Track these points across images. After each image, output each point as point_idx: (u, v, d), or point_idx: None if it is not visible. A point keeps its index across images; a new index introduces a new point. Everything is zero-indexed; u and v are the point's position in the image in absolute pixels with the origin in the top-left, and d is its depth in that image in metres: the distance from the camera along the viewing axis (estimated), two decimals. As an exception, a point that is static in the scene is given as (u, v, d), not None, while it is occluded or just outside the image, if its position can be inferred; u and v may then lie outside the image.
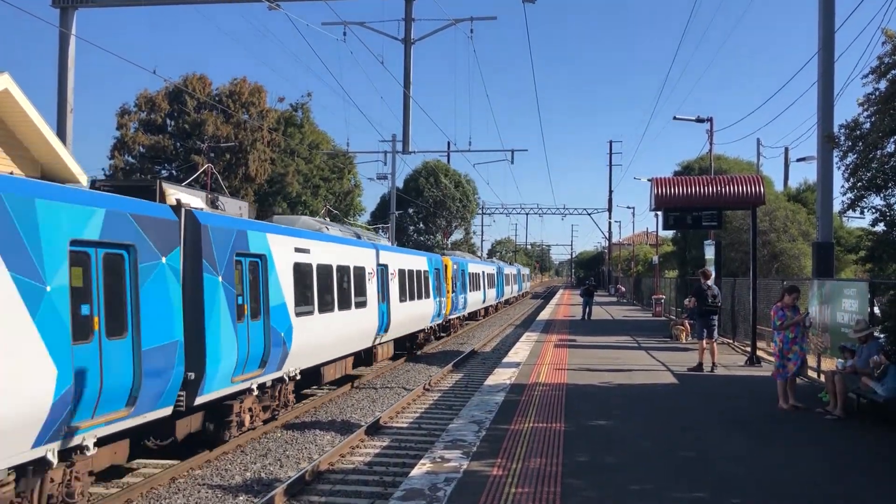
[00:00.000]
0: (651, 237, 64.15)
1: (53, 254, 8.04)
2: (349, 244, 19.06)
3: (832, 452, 9.11)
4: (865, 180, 12.82)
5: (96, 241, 8.81)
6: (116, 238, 9.18)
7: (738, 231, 29.17)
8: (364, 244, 20.90)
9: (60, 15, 22.95)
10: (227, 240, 11.81)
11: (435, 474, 7.81)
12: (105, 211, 8.99)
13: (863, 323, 11.67)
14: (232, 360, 11.71)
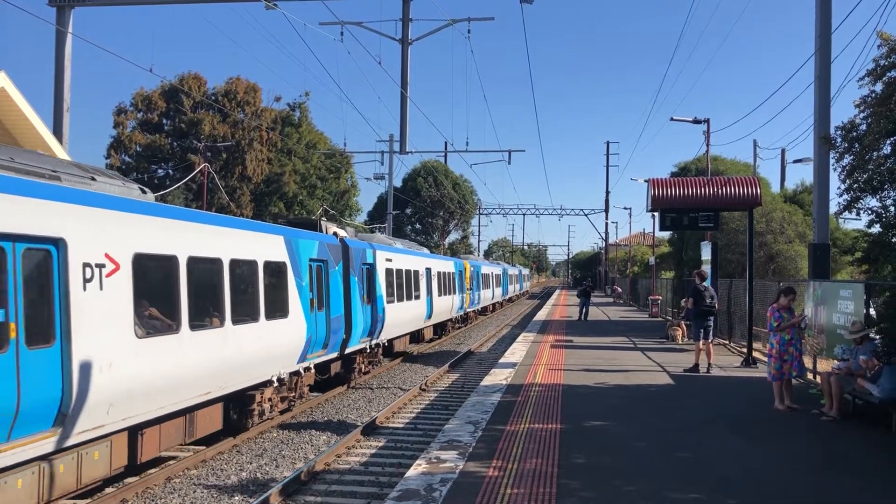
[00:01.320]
0: (648, 238, 64.24)
1: (305, 265, 15.42)
2: (410, 254, 26.18)
3: (828, 453, 9.12)
4: (861, 182, 12.85)
5: (315, 258, 16.05)
6: (321, 256, 16.47)
7: (735, 232, 29.20)
8: (417, 253, 27.97)
9: (57, 13, 22.90)
10: (358, 255, 19.22)
11: (431, 475, 7.81)
12: (318, 242, 16.49)
13: (859, 324, 11.69)
14: (360, 329, 18.87)
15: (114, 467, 9.60)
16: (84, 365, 8.63)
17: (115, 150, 51.37)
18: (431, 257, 31.44)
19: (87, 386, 8.64)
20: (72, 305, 8.46)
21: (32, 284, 8.11)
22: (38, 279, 8.22)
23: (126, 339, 9.38)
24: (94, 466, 9.19)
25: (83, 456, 8.95)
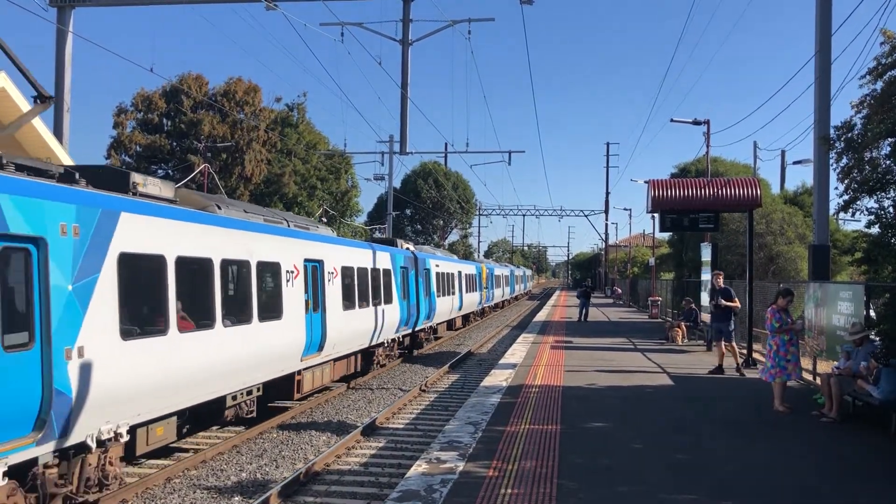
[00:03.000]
0: (648, 239, 64.22)
1: (399, 271, 23.44)
2: (448, 260, 35.12)
3: (828, 455, 9.13)
4: (858, 182, 12.86)
5: (403, 266, 23.97)
6: (406, 265, 24.41)
7: (735, 233, 29.21)
8: (452, 259, 37.05)
9: (58, 13, 22.91)
10: (422, 263, 27.34)
11: (431, 475, 7.81)
12: (403, 255, 24.56)
13: (858, 325, 11.69)
14: (423, 315, 26.89)
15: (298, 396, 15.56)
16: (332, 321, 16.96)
17: (115, 151, 51.35)
18: (460, 262, 39.21)
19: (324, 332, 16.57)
20: (326, 293, 16.63)
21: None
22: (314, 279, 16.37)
23: (337, 310, 17.39)
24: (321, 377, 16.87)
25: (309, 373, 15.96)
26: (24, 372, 7.50)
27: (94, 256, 8.66)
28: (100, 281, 8.71)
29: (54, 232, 8.00)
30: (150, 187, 10.71)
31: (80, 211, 8.49)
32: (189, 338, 10.70)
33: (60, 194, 8.29)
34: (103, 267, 8.80)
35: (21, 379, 7.46)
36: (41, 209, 7.86)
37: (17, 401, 7.38)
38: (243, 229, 12.89)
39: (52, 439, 7.96)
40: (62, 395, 7.94)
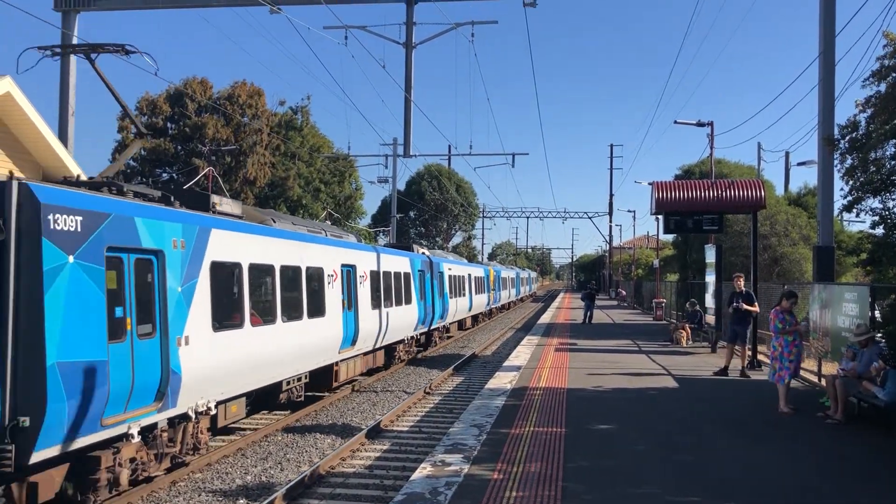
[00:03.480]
0: (652, 241, 64.17)
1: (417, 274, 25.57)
2: (458, 264, 36.56)
3: (833, 457, 9.11)
4: (863, 182, 12.85)
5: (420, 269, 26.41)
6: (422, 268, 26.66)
7: (739, 235, 29.15)
8: (462, 262, 38.75)
9: (63, 18, 23.02)
10: (436, 267, 29.38)
11: (435, 478, 7.81)
12: (420, 259, 26.95)
13: (863, 327, 11.67)
14: (438, 314, 28.96)
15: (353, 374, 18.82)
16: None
17: (120, 154, 51.49)
18: (470, 265, 40.62)
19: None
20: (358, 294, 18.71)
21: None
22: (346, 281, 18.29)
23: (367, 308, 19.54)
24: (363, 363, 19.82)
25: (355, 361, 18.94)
26: (150, 355, 9.59)
27: (195, 265, 10.74)
28: (198, 284, 10.77)
29: (168, 245, 10.04)
30: (225, 206, 12.71)
31: (185, 229, 10.55)
32: (258, 331, 12.71)
33: (172, 216, 10.34)
34: (200, 273, 10.87)
35: (149, 360, 9.55)
36: (161, 228, 9.91)
37: (146, 377, 9.47)
38: (294, 239, 14.98)
39: (167, 409, 9.99)
40: (175, 374, 10.00)
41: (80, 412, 8.24)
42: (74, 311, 8.18)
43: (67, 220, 8.17)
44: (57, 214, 8.02)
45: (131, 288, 9.27)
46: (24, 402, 7.68)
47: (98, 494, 8.96)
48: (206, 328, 10.88)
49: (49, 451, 7.95)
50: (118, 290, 9.02)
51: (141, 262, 9.52)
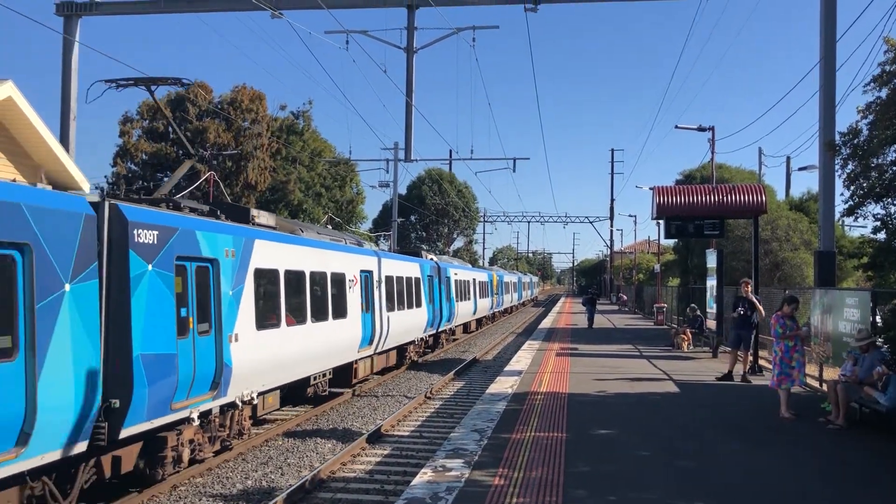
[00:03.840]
0: (653, 246, 64.14)
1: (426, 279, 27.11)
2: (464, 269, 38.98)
3: (835, 462, 9.09)
4: (865, 188, 12.84)
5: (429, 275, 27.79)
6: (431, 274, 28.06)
7: (740, 240, 29.13)
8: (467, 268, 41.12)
9: (64, 23, 23.06)
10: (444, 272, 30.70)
11: (436, 483, 7.80)
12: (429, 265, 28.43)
13: (865, 332, 11.65)
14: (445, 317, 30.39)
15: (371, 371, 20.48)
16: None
17: (121, 159, 51.54)
18: (474, 270, 43.18)
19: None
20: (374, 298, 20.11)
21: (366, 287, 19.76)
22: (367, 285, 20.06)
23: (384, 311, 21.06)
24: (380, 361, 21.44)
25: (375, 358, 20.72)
26: (207, 350, 10.93)
27: (242, 271, 12.13)
28: (245, 288, 12.17)
29: (222, 255, 11.42)
30: (262, 218, 14.07)
31: (235, 240, 11.95)
32: (291, 331, 14.15)
33: (224, 229, 11.76)
34: (246, 279, 12.26)
35: (206, 354, 10.88)
36: (216, 239, 11.29)
37: (204, 369, 10.80)
38: (321, 248, 16.53)
39: (220, 397, 11.34)
40: (227, 367, 11.36)
41: (157, 397, 9.61)
42: (152, 310, 9.59)
43: (147, 234, 9.59)
44: (140, 230, 9.41)
45: (193, 291, 10.66)
46: (115, 387, 8.97)
47: (164, 469, 10.27)
48: (251, 327, 12.32)
49: (133, 429, 9.27)
50: (183, 293, 10.41)
51: (200, 269, 10.92)
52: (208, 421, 11.35)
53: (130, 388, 9.05)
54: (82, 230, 8.48)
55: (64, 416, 8.09)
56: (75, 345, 8.31)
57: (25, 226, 7.65)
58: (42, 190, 8.51)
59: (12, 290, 7.60)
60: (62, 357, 8.09)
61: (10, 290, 7.59)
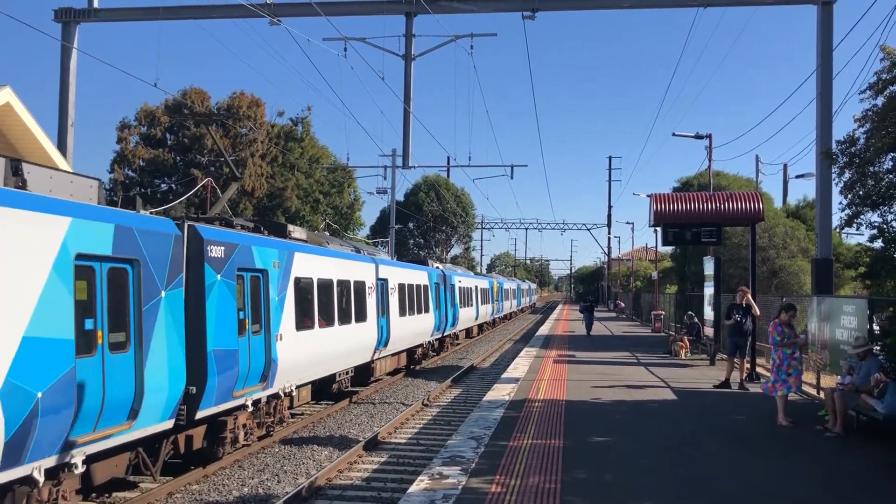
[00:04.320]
0: (650, 253, 64.20)
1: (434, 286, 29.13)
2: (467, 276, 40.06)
3: (833, 470, 9.08)
4: (861, 197, 12.86)
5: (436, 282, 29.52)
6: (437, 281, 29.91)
7: (738, 247, 29.19)
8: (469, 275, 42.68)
9: (62, 29, 23.08)
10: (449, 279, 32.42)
11: (433, 491, 7.78)
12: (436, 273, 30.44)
13: (862, 339, 11.66)
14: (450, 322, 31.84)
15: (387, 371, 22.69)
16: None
17: (119, 165, 51.53)
18: (476, 277, 44.64)
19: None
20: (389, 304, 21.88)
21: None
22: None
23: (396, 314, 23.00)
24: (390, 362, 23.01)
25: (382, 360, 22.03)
26: (259, 347, 12.76)
27: (285, 279, 14.02)
28: (287, 295, 14.05)
29: (270, 266, 13.34)
30: (296, 233, 16.12)
31: (280, 253, 13.91)
32: (322, 332, 16.01)
33: (272, 244, 13.78)
34: (288, 286, 14.13)
35: (258, 351, 12.73)
36: (266, 253, 13.24)
37: (257, 363, 12.67)
38: (345, 258, 18.47)
39: (268, 388, 13.24)
40: (274, 362, 13.20)
41: (223, 386, 11.45)
42: (220, 314, 11.44)
43: (216, 249, 11.45)
44: (211, 246, 11.30)
45: (248, 297, 12.58)
46: (193, 376, 10.75)
47: (224, 448, 12.08)
48: (292, 328, 14.16)
49: (205, 412, 11.09)
50: (241, 299, 12.29)
51: (254, 278, 12.83)
52: (258, 408, 13.18)
53: (205, 378, 10.90)
54: (172, 247, 10.43)
55: (160, 397, 9.89)
56: (168, 341, 10.18)
57: (136, 245, 9.57)
58: (146, 216, 10.45)
59: (125, 296, 9.45)
60: (159, 350, 9.94)
61: (124, 296, 9.43)
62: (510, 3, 22.31)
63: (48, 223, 8.12)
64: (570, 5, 23.03)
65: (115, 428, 9.11)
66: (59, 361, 8.06)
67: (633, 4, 22.26)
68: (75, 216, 8.55)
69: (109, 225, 9.15)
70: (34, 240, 7.94)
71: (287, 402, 14.60)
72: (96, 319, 8.84)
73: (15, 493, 7.83)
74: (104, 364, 8.90)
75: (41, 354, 7.83)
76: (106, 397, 8.86)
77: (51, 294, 8.03)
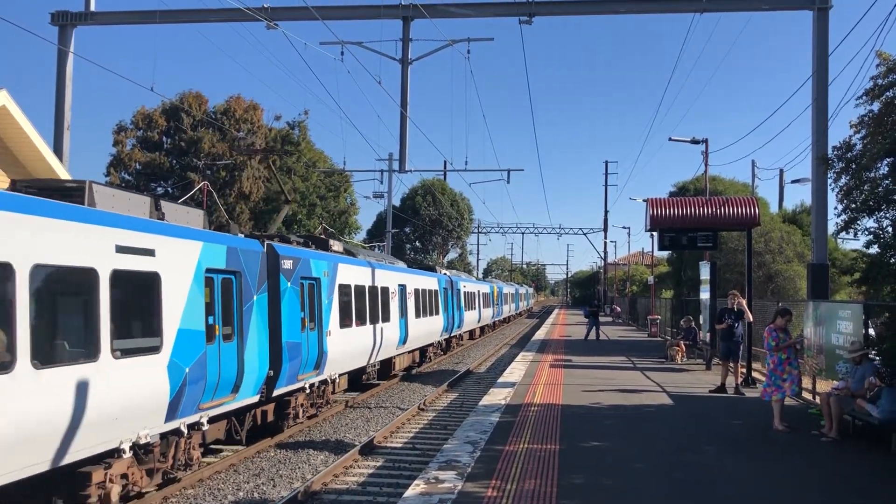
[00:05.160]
0: (647, 257, 64.25)
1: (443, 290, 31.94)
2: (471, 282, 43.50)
3: (829, 475, 9.09)
4: (858, 202, 12.88)
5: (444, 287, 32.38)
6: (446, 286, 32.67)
7: (734, 252, 29.21)
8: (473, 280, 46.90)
9: (59, 33, 23.04)
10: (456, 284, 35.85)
11: (429, 495, 7.77)
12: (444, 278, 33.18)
13: (857, 344, 11.68)
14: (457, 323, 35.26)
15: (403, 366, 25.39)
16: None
17: (115, 168, 51.44)
18: (478, 282, 48.06)
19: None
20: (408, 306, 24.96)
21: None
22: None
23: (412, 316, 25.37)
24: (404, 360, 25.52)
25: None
26: (314, 341, 15.50)
27: (331, 286, 16.91)
28: (333, 298, 16.93)
29: (322, 275, 16.16)
30: (335, 246, 18.89)
31: (328, 265, 16.83)
32: (357, 330, 18.80)
33: (323, 257, 16.65)
34: (334, 291, 17.05)
35: (314, 344, 15.48)
36: (320, 264, 16.13)
37: (313, 354, 15.36)
38: (373, 267, 21.00)
39: (319, 375, 16.05)
40: (325, 354, 16.04)
41: (291, 371, 14.12)
42: (290, 313, 14.17)
43: (287, 262, 14.21)
44: (284, 260, 14.08)
45: (307, 300, 15.23)
46: (272, 362, 13.39)
47: (288, 423, 14.83)
48: (337, 326, 17.01)
49: (279, 391, 13.77)
50: (303, 301, 14.93)
51: (311, 285, 15.51)
52: (311, 391, 15.94)
53: (280, 363, 13.56)
54: (260, 261, 13.14)
55: (252, 377, 12.47)
56: (258, 334, 12.80)
57: (238, 261, 12.26)
58: (245, 238, 13.24)
59: (231, 299, 12.01)
60: (252, 341, 12.51)
61: (230, 299, 11.99)
62: (507, 8, 22.33)
63: (191, 247, 10.82)
64: (566, 10, 23.05)
65: (224, 398, 11.65)
66: (197, 346, 10.68)
67: (629, 10, 22.31)
68: (205, 241, 11.30)
69: (223, 246, 11.82)
70: (185, 259, 10.64)
71: (329, 389, 17.22)
72: (215, 316, 11.38)
73: (168, 440, 10.42)
74: (220, 350, 11.42)
75: (188, 341, 10.44)
76: (221, 375, 11.34)
77: (192, 297, 10.66)
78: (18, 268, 7.55)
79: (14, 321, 7.45)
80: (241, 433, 13.08)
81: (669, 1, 22.23)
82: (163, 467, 10.38)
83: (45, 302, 8.04)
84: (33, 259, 7.75)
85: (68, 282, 8.56)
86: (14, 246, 7.55)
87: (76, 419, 8.20)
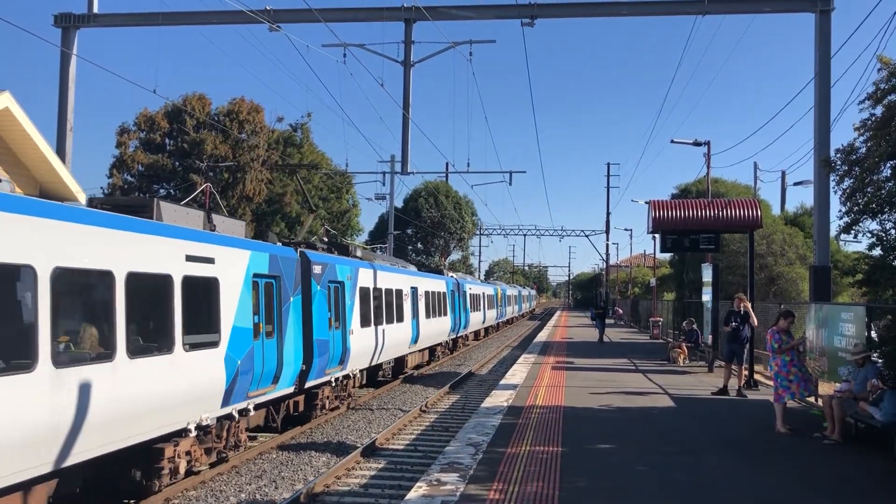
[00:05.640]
0: (649, 259, 64.22)
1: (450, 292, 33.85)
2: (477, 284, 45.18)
3: (831, 478, 9.07)
4: (861, 205, 12.86)
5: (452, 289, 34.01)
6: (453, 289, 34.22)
7: (736, 254, 29.18)
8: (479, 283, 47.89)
9: (62, 35, 23.09)
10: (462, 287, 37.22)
11: (431, 497, 7.76)
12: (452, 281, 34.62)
13: (860, 346, 11.66)
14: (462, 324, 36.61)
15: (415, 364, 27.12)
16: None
17: (118, 170, 51.45)
18: (483, 285, 48.88)
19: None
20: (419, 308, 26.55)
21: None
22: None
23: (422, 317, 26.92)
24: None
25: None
26: (339, 338, 16.95)
27: (353, 288, 18.37)
28: (355, 300, 18.43)
29: (345, 279, 17.64)
30: (356, 252, 20.92)
31: (351, 269, 18.28)
32: (376, 329, 20.22)
33: (346, 262, 18.17)
34: (356, 294, 18.56)
35: (339, 341, 16.94)
36: (344, 269, 17.63)
37: (337, 351, 16.79)
38: (388, 271, 22.63)
39: (343, 370, 17.46)
40: (348, 350, 17.53)
41: (320, 366, 15.59)
42: (319, 313, 15.67)
43: (317, 267, 15.75)
44: (315, 265, 15.59)
45: (333, 301, 16.71)
46: (305, 357, 14.90)
47: (316, 413, 16.34)
48: (358, 325, 18.49)
49: (310, 383, 15.27)
50: (329, 303, 16.40)
51: (336, 288, 17.00)
52: (336, 385, 17.27)
53: (312, 358, 15.08)
54: (295, 267, 14.66)
55: (289, 370, 13.98)
56: (294, 332, 14.32)
57: (278, 266, 13.75)
58: (282, 246, 14.74)
59: (272, 301, 13.41)
60: (289, 338, 14.01)
61: (271, 301, 13.40)
62: (509, 10, 22.34)
63: (242, 255, 12.38)
64: (568, 12, 23.06)
65: (266, 388, 13.11)
66: (246, 342, 12.15)
67: (631, 12, 22.31)
68: (252, 249, 12.84)
69: (266, 254, 13.33)
70: (238, 265, 12.21)
71: (350, 383, 18.51)
72: (259, 316, 12.79)
73: (222, 423, 11.85)
74: (263, 345, 12.84)
75: (240, 337, 11.92)
76: (264, 367, 12.80)
77: (243, 299, 12.17)
78: (117, 275, 9.02)
79: (114, 321, 8.93)
80: (276, 420, 14.71)
81: (671, 3, 22.24)
82: (218, 447, 11.81)
83: (135, 304, 9.36)
84: (127, 267, 9.22)
85: (151, 287, 9.92)
86: (115, 257, 9.05)
87: (158, 401, 9.71)
